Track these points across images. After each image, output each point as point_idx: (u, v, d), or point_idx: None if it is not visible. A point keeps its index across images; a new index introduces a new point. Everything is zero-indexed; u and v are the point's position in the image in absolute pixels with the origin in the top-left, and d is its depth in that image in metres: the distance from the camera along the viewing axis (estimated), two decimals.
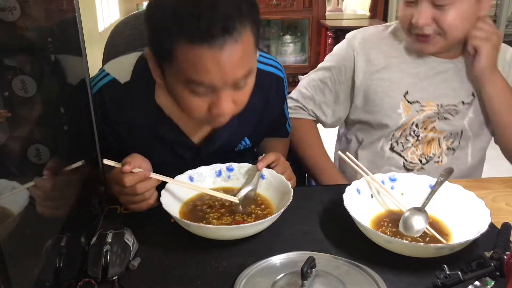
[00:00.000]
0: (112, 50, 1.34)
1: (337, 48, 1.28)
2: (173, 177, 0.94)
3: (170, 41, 0.78)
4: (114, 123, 0.98)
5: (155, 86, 0.95)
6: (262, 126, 1.09)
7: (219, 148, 1.04)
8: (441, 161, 1.23)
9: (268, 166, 0.99)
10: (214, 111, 0.84)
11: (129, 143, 1.00)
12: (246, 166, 1.02)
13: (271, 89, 1.05)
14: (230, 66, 0.79)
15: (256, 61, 0.87)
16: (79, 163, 0.79)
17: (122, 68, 0.97)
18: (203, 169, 1.00)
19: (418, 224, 0.86)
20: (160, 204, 0.86)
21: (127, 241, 0.79)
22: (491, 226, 0.81)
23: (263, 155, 1.00)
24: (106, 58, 1.35)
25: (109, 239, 0.77)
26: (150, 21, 0.83)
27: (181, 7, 0.76)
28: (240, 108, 0.89)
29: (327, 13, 4.36)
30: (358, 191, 0.93)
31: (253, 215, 0.91)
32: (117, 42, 1.33)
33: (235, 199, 0.92)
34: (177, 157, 1.04)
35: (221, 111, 0.84)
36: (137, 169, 0.86)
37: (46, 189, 0.66)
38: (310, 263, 0.72)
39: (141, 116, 0.96)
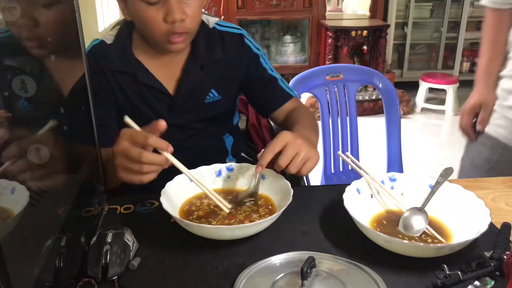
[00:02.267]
0: None
1: None
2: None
3: None
4: (103, 77, 1.09)
5: (132, 45, 1.10)
6: (229, 80, 1.17)
7: (190, 97, 1.13)
8: None
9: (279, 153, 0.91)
10: (168, 18, 0.97)
11: (117, 98, 1.10)
12: (246, 166, 1.02)
13: (232, 44, 1.16)
14: None
15: None
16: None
17: (109, 35, 1.13)
18: (203, 169, 1.00)
19: (418, 224, 0.86)
20: (160, 204, 0.86)
21: (127, 241, 0.79)
22: (491, 226, 0.81)
23: (261, 151, 0.93)
24: None
25: (109, 239, 0.77)
26: None
27: None
28: (193, 23, 1.02)
29: (327, 13, 4.36)
30: (358, 191, 0.93)
31: (255, 214, 0.91)
32: None
33: (227, 207, 0.91)
34: (153, 114, 1.11)
35: (173, 16, 0.96)
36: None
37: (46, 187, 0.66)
38: (310, 263, 0.72)
39: (123, 66, 1.09)
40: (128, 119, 0.85)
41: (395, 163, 1.77)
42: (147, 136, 0.81)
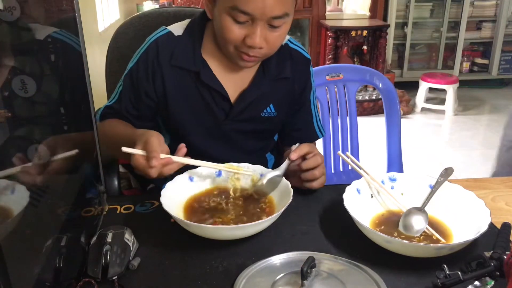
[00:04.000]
0: (115, 52, 1.33)
1: None
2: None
3: None
4: (158, 72, 1.06)
5: (202, 42, 1.07)
6: (287, 98, 1.15)
7: (249, 108, 1.11)
8: None
9: (304, 158, 0.99)
10: (248, 41, 0.96)
11: (169, 95, 1.07)
12: (245, 166, 1.01)
13: (299, 64, 1.15)
14: (270, 1, 0.91)
15: (293, 12, 0.99)
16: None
17: (178, 26, 1.10)
18: (203, 169, 1.00)
19: (418, 224, 0.86)
20: (160, 204, 0.86)
21: (127, 241, 0.79)
22: (491, 226, 0.81)
23: (297, 144, 0.99)
24: (110, 60, 1.34)
25: (109, 239, 0.77)
26: None
27: None
28: (269, 51, 1.01)
29: (327, 13, 4.36)
30: (358, 191, 0.93)
31: (255, 214, 0.91)
32: (120, 44, 1.33)
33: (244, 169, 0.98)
34: (208, 115, 1.10)
35: (254, 42, 0.95)
36: (162, 155, 0.86)
37: (46, 187, 0.66)
38: (310, 263, 0.72)
39: (188, 63, 1.06)
40: (125, 149, 0.86)
41: (395, 163, 1.76)
42: (161, 174, 0.87)
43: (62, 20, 0.78)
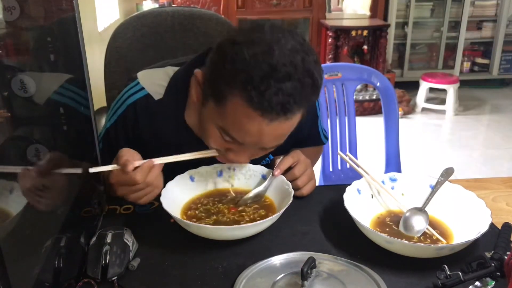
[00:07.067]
0: (114, 52, 1.33)
1: None
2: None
3: (230, 88, 0.79)
4: (140, 138, 0.97)
5: (186, 106, 0.96)
6: (287, 145, 0.99)
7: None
8: None
9: (289, 168, 0.97)
10: (230, 156, 0.89)
11: (153, 155, 0.91)
12: (246, 166, 1.01)
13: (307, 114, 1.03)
14: (270, 137, 0.83)
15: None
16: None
17: (156, 83, 0.98)
18: (204, 169, 1.00)
19: (419, 224, 0.86)
20: (160, 204, 0.86)
21: (127, 242, 0.79)
22: (492, 226, 0.81)
23: (281, 158, 0.98)
24: (108, 60, 1.34)
25: (108, 239, 0.77)
26: (223, 55, 0.80)
27: (257, 66, 0.76)
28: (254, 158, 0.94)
29: (327, 12, 4.36)
30: (359, 191, 0.93)
31: (254, 215, 0.91)
32: (119, 44, 1.32)
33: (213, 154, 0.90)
34: (199, 164, 1.00)
35: (238, 160, 0.90)
36: (138, 162, 0.83)
37: (46, 187, 0.66)
38: (310, 264, 0.71)
39: (170, 133, 0.97)
40: (93, 169, 0.83)
41: (393, 161, 1.76)
42: (147, 182, 0.83)
43: (62, 19, 0.77)
